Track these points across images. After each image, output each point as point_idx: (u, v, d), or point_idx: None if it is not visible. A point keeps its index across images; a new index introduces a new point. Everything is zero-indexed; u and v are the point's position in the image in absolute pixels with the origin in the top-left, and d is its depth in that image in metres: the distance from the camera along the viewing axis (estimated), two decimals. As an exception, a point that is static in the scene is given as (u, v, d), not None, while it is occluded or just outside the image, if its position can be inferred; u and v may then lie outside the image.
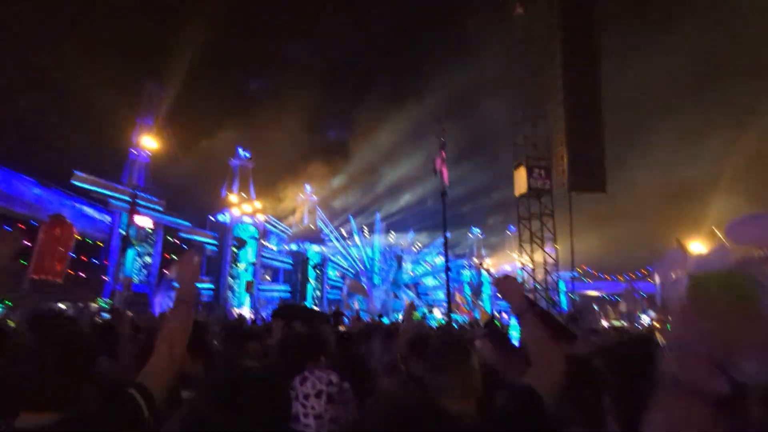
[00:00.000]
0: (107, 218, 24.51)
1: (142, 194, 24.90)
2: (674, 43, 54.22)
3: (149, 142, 29.74)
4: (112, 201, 24.46)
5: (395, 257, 44.50)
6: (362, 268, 42.89)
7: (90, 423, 1.32)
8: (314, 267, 36.00)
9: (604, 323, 32.53)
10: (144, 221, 24.51)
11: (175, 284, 1.75)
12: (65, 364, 1.36)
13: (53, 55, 37.18)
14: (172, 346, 1.57)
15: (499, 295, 1.81)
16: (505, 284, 1.78)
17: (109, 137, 30.57)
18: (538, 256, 22.31)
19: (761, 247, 1.22)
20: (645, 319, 31.88)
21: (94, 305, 19.42)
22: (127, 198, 25.06)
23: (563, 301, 25.02)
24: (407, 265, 45.58)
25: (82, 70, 38.19)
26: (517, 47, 23.42)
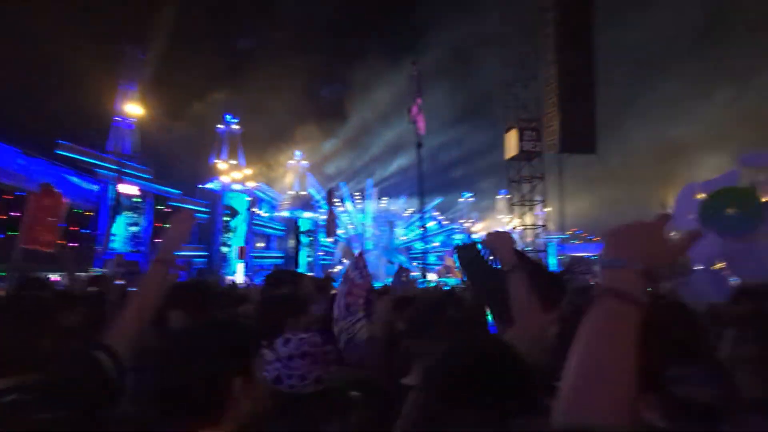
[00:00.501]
0: (95, 187, 24.22)
1: (129, 162, 24.52)
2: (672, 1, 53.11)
3: (133, 109, 29.07)
4: (99, 170, 24.11)
5: (387, 223, 44.66)
6: (354, 233, 43.08)
7: (53, 386, 1.32)
8: (306, 233, 36.11)
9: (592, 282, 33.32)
10: (129, 189, 24.20)
11: (162, 242, 1.71)
12: (24, 328, 1.35)
13: (33, 23, 35.69)
14: (143, 306, 1.54)
15: (490, 251, 1.80)
16: (497, 240, 1.76)
17: (93, 105, 29.87)
18: (529, 219, 22.49)
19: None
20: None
21: (84, 274, 19.42)
22: (113, 167, 24.72)
23: (552, 263, 25.43)
24: (399, 230, 45.81)
25: (62, 37, 36.84)
26: (511, 7, 22.91)
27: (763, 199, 1.04)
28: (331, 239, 29.37)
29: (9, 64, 31.28)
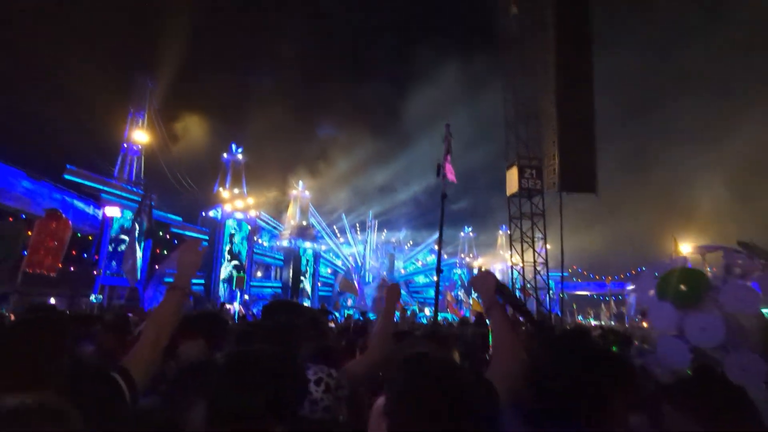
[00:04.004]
0: (98, 212, 24.34)
1: (133, 188, 24.73)
2: (671, 42, 54.68)
3: (141, 136, 29.58)
4: (104, 195, 24.30)
5: (387, 255, 44.58)
6: (353, 265, 42.91)
7: (68, 403, 1.35)
8: (305, 267, 35.98)
9: (594, 322, 32.90)
10: (114, 212, 24.19)
11: (172, 270, 1.78)
12: (38, 347, 1.40)
13: (45, 49, 36.77)
14: (160, 332, 1.57)
15: (474, 290, 1.90)
16: (479, 279, 1.86)
17: (100, 131, 30.43)
18: (529, 256, 22.43)
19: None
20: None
21: (85, 299, 19.30)
22: (118, 192, 24.92)
23: (552, 299, 25.26)
24: (399, 263, 45.65)
25: (74, 64, 37.85)
26: (512, 47, 23.51)
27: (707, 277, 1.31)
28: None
29: (19, 89, 32.03)
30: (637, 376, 1.77)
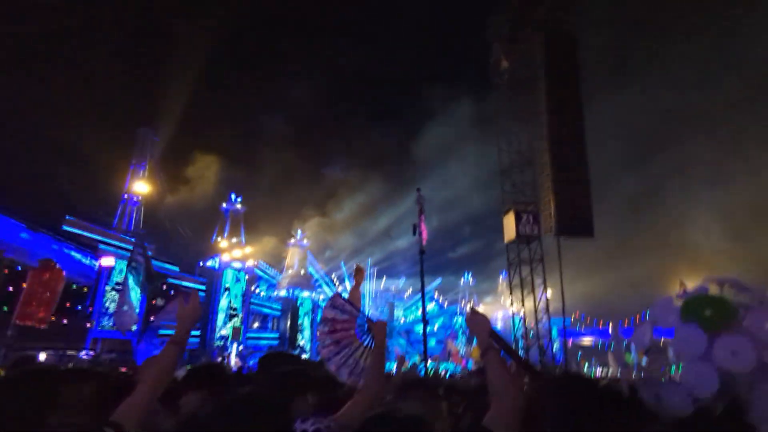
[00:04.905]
0: (95, 263, 24.18)
1: (130, 238, 24.70)
2: (664, 80, 56.07)
3: (141, 187, 29.93)
4: (101, 246, 24.23)
5: (387, 304, 43.94)
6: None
7: None
8: (303, 317, 35.38)
9: (600, 369, 31.95)
10: (110, 261, 24.12)
11: (167, 323, 1.76)
12: (25, 404, 1.37)
13: (46, 101, 37.90)
14: (154, 386, 1.54)
15: (469, 328, 1.87)
16: (474, 320, 1.82)
17: (102, 182, 30.86)
18: (530, 303, 22.17)
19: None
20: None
21: (72, 352, 18.79)
22: (115, 242, 24.88)
23: (556, 347, 24.67)
24: (398, 312, 44.94)
25: (76, 117, 38.90)
26: (503, 97, 24.30)
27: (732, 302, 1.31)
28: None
29: (19, 141, 32.79)
30: (648, 410, 1.71)
